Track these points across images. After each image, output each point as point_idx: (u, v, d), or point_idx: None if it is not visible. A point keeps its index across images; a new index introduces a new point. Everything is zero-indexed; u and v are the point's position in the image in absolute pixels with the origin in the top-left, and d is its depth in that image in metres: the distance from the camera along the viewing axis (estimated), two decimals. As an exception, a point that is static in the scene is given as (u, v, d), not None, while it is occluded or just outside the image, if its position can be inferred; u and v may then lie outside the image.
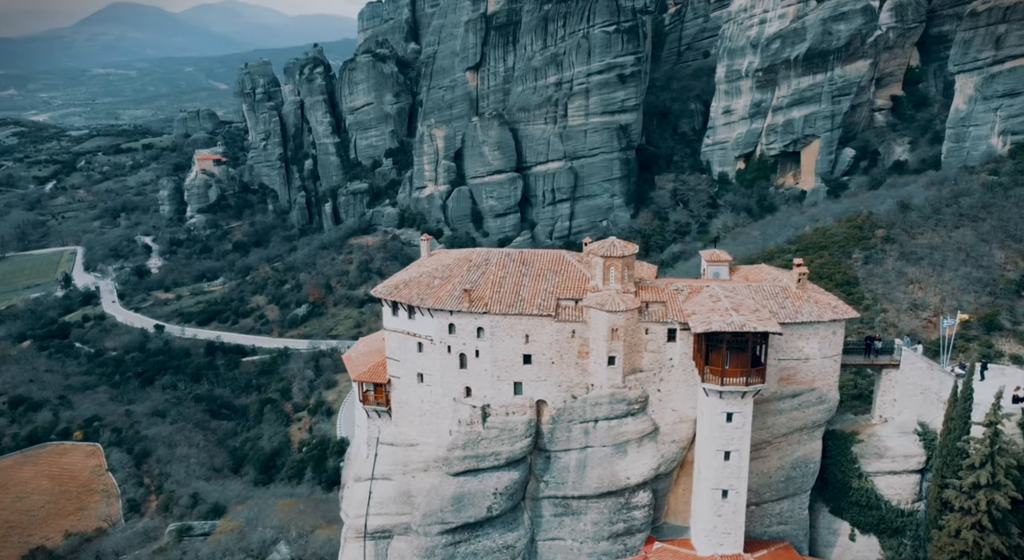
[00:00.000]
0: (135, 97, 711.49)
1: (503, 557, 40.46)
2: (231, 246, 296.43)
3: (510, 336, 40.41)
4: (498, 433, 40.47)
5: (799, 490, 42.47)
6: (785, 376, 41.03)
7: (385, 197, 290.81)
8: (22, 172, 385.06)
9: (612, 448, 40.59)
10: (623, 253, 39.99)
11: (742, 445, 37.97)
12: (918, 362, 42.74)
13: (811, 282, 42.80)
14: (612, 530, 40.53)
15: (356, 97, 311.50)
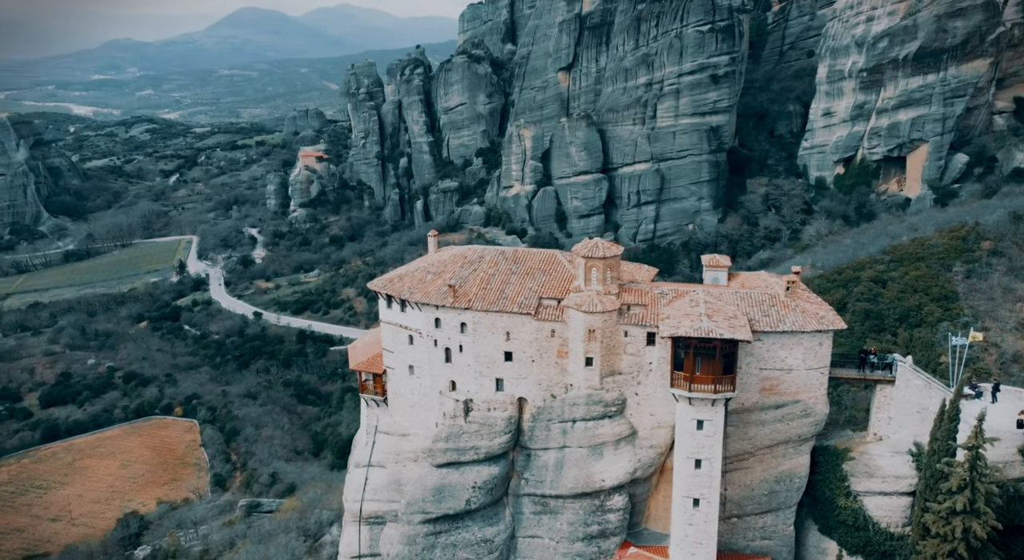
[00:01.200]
0: (255, 96, 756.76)
1: (481, 550, 41.40)
2: (328, 239, 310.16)
3: (491, 333, 41.35)
4: (478, 428, 41.52)
5: (783, 505, 41.10)
6: (767, 386, 39.87)
7: (473, 196, 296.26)
8: (151, 166, 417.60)
9: (588, 449, 40.77)
10: (604, 254, 40.08)
11: (713, 454, 37.29)
12: (914, 379, 40.40)
13: (874, 293, 41.34)
14: (587, 531, 40.69)
15: (451, 97, 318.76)
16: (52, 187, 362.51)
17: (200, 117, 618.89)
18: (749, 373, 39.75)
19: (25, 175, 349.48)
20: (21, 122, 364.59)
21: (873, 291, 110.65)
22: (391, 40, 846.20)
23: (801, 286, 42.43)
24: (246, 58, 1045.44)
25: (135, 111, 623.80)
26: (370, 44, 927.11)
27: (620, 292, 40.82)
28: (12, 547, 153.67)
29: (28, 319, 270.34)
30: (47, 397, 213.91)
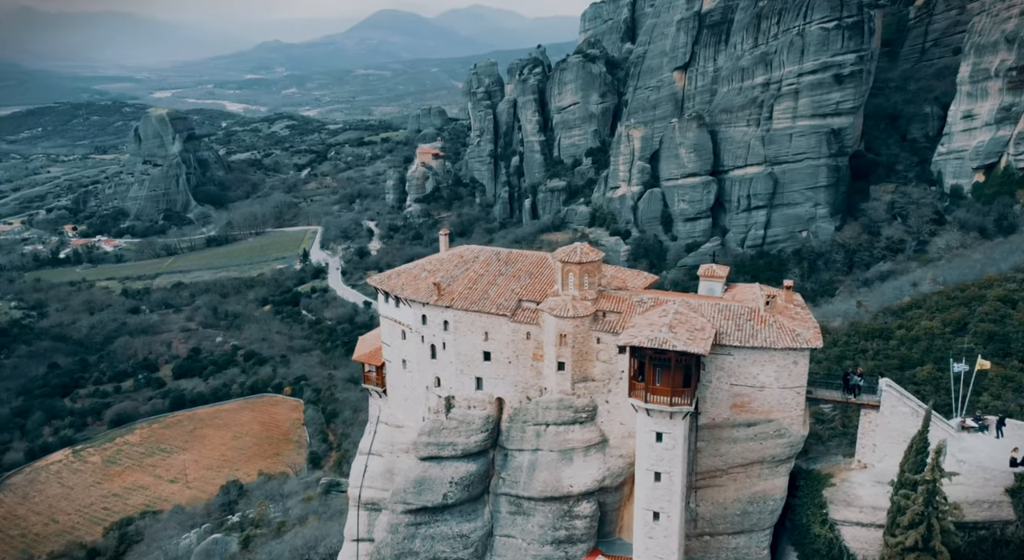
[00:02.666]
0: (387, 95, 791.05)
1: (457, 545, 42.63)
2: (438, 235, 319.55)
3: (471, 332, 42.44)
4: (457, 424, 42.76)
5: (756, 527, 39.45)
6: (739, 403, 38.39)
7: (581, 196, 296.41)
8: (286, 160, 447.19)
9: (559, 454, 40.98)
10: (580, 259, 40.13)
11: (673, 467, 36.52)
12: (901, 406, 37.48)
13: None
14: (555, 536, 40.95)
15: (564, 97, 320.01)
16: (200, 178, 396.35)
17: (336, 114, 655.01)
18: (719, 388, 38.57)
19: (178, 166, 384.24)
20: (177, 118, 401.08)
21: (1000, 311, 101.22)
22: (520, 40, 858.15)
23: (796, 301, 40.51)
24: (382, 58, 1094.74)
25: (279, 108, 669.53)
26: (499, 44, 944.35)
27: (598, 298, 40.79)
28: (136, 502, 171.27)
29: (171, 297, 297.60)
30: (179, 370, 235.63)
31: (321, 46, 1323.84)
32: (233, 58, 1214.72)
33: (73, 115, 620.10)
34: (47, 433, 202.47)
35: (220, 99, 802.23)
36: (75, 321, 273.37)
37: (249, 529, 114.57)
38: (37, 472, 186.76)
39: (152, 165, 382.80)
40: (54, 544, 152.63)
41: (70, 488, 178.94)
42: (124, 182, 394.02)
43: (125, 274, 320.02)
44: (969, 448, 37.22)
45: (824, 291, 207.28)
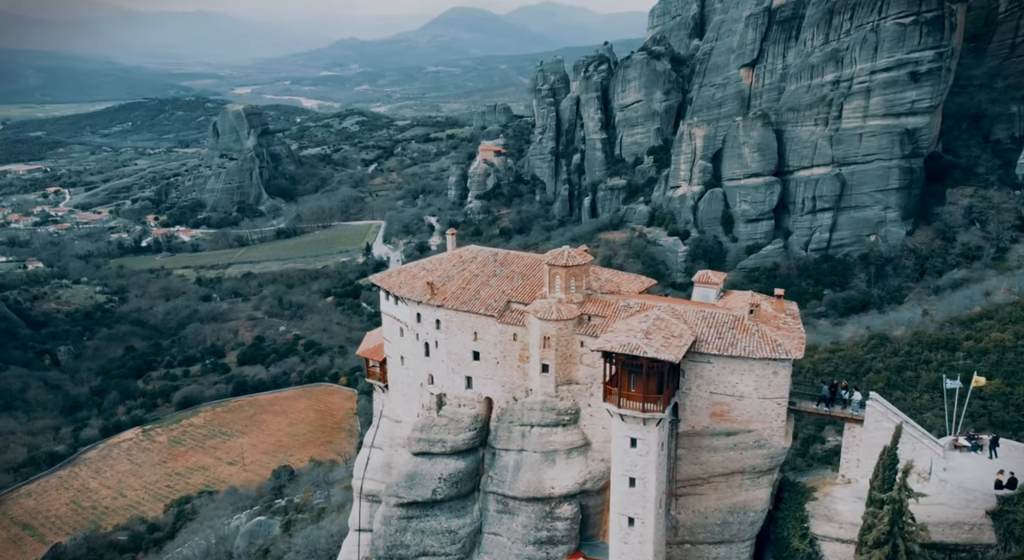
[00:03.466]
0: (456, 92, 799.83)
1: (445, 540, 43.54)
2: (498, 231, 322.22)
3: (461, 331, 43.17)
4: (447, 422, 43.62)
5: (736, 538, 38.81)
6: (718, 411, 37.80)
7: (640, 194, 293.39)
8: (354, 155, 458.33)
9: (541, 455, 41.29)
10: (567, 263, 40.30)
11: (647, 474, 36.35)
12: (885, 421, 36.07)
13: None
14: (537, 536, 41.31)
15: (627, 94, 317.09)
16: (272, 172, 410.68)
17: (405, 111, 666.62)
18: (699, 396, 38.13)
19: (252, 160, 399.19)
20: (253, 114, 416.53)
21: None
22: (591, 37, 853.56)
23: (789, 311, 39.57)
24: (452, 55, 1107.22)
25: (352, 104, 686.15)
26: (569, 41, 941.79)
27: (584, 302, 40.90)
28: (196, 482, 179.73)
29: (241, 287, 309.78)
30: (243, 356, 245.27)
31: (394, 43, 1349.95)
32: (311, 55, 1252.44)
33: (160, 110, 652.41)
34: (121, 412, 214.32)
35: (296, 95, 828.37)
36: (152, 307, 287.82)
37: (292, 513, 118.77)
38: (110, 448, 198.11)
39: (228, 159, 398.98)
40: (120, 517, 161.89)
41: (138, 465, 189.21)
42: (202, 175, 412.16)
43: (200, 263, 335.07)
44: (957, 468, 35.70)
45: (892, 298, 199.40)
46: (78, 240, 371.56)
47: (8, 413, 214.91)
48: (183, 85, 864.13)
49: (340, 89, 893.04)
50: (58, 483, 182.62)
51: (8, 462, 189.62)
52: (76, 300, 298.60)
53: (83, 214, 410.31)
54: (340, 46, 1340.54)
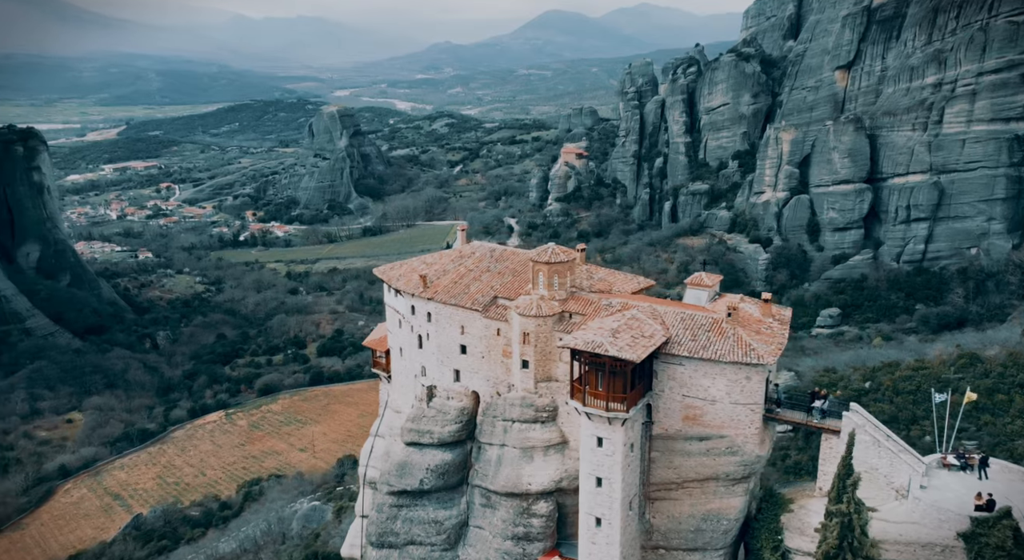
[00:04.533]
0: (546, 95, 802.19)
1: (431, 530, 44.25)
2: (576, 234, 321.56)
3: (450, 325, 43.77)
4: (435, 414, 44.33)
5: (709, 546, 37.54)
6: (690, 415, 36.69)
7: (723, 200, 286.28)
8: (441, 156, 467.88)
9: (520, 451, 41.30)
10: (549, 259, 40.21)
11: (613, 473, 35.77)
12: (861, 434, 33.85)
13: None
14: (514, 532, 41.34)
15: (714, 97, 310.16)
16: (362, 171, 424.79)
17: (495, 113, 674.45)
18: (672, 398, 37.22)
19: (343, 160, 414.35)
20: (345, 115, 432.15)
21: None
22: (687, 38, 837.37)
23: (779, 316, 38.00)
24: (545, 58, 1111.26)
25: (444, 107, 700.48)
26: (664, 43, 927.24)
27: (567, 299, 40.70)
28: (268, 465, 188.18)
29: (326, 281, 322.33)
30: (322, 349, 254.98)
31: (488, 46, 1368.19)
32: (407, 59, 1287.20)
33: (264, 111, 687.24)
34: (208, 396, 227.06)
35: (392, 98, 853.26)
36: (244, 297, 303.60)
37: (345, 500, 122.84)
38: (196, 429, 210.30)
39: (322, 158, 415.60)
40: (197, 494, 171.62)
41: (219, 446, 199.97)
42: (297, 174, 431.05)
43: (291, 257, 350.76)
44: (939, 486, 33.31)
45: (992, 316, 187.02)
46: (184, 233, 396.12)
47: (110, 391, 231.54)
48: (287, 88, 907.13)
49: (434, 92, 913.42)
50: (147, 458, 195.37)
51: (106, 436, 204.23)
52: (178, 289, 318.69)
53: (190, 209, 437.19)
54: (435, 50, 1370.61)
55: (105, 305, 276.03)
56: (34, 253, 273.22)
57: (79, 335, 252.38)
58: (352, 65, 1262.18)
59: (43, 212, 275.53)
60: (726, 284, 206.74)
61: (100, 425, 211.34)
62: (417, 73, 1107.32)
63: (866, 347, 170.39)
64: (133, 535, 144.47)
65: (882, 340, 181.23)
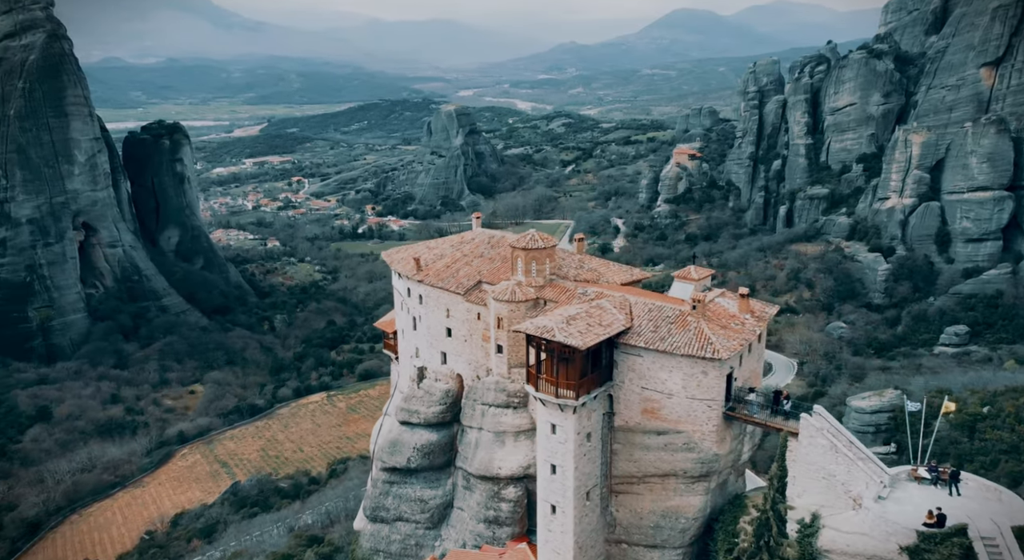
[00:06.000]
0: (669, 95, 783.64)
1: (416, 508, 45.18)
2: (684, 237, 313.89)
3: (437, 307, 44.35)
4: (423, 394, 45.13)
5: (667, 544, 35.96)
6: (649, 408, 35.19)
7: (843, 205, 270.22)
8: (554, 156, 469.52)
9: (493, 435, 41.28)
10: (527, 246, 39.92)
11: (566, 461, 35.07)
12: (819, 438, 31.06)
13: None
14: (486, 515, 41.42)
15: (840, 97, 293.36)
16: (476, 169, 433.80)
17: (615, 113, 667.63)
18: (631, 390, 35.98)
19: (458, 158, 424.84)
20: (462, 114, 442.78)
21: None
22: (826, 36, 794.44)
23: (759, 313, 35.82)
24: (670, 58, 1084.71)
25: (563, 107, 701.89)
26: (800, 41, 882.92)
27: (544, 286, 40.27)
28: (360, 447, 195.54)
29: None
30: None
31: (613, 46, 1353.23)
32: (530, 59, 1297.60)
33: (391, 110, 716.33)
34: (313, 377, 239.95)
35: (513, 97, 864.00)
36: (356, 287, 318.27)
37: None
38: (299, 408, 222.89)
39: (438, 156, 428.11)
40: (292, 468, 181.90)
41: (318, 426, 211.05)
42: (414, 170, 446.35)
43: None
44: (902, 499, 30.34)
45: None
46: (309, 224, 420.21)
47: (229, 367, 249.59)
48: (414, 88, 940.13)
49: (555, 92, 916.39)
50: (254, 431, 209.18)
51: (221, 408, 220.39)
52: (298, 276, 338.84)
53: (316, 201, 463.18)
54: (559, 50, 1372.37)
55: (232, 288, 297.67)
56: (174, 237, 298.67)
57: (207, 314, 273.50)
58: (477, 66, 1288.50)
59: (183, 200, 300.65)
60: (840, 294, 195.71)
61: (217, 398, 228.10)
62: (540, 73, 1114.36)
63: (995, 369, 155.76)
64: (230, 500, 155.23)
65: (1016, 363, 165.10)
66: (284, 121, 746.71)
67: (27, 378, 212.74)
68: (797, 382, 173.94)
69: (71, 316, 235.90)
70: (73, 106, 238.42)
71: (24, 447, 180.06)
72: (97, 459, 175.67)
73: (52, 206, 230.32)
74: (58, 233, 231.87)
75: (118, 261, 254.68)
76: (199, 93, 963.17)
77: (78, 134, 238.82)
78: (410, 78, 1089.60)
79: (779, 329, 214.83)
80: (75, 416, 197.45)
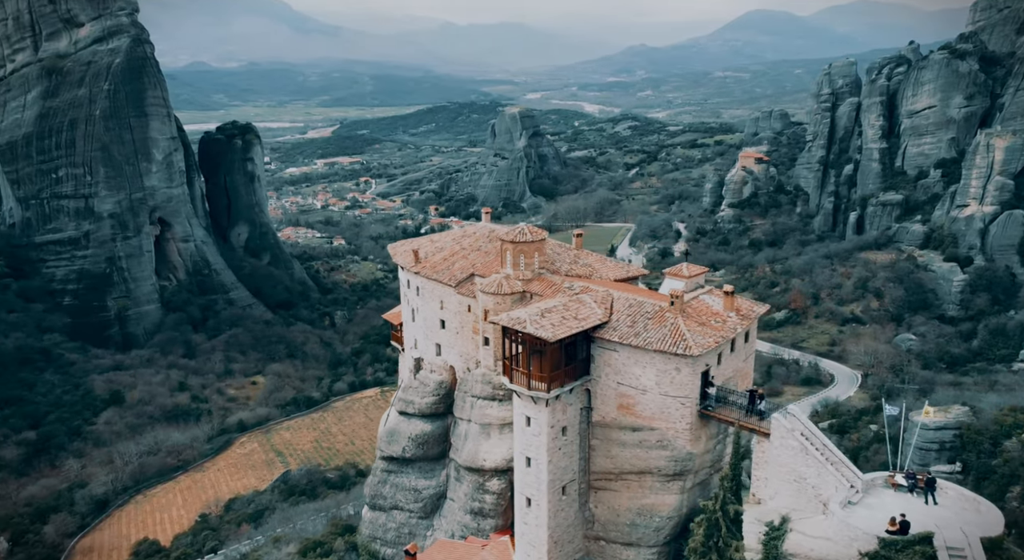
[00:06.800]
0: (741, 98, 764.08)
1: (410, 497, 45.66)
2: (747, 242, 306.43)
3: (432, 299, 44.62)
4: (418, 385, 45.53)
5: (642, 543, 35.16)
6: (624, 404, 34.46)
7: (918, 213, 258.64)
8: (618, 159, 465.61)
9: (480, 428, 41.25)
10: (515, 239, 39.72)
11: (540, 454, 34.73)
12: (790, 439, 29.60)
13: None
14: (471, 506, 41.47)
15: (919, 99, 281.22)
16: (538, 171, 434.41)
17: (684, 117, 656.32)
18: (607, 385, 35.36)
19: (520, 160, 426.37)
20: (526, 116, 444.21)
21: None
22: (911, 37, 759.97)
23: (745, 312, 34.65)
24: (744, 60, 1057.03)
25: (631, 110, 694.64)
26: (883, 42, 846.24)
27: (532, 280, 40.02)
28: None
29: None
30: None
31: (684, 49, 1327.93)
32: (599, 62, 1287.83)
33: (459, 113, 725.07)
34: (368, 373, 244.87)
35: (580, 100, 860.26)
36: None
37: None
38: (353, 402, 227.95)
39: (501, 158, 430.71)
40: (341, 459, 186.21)
41: (370, 419, 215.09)
42: (477, 172, 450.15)
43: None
44: (874, 505, 28.92)
45: None
46: (374, 224, 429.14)
47: (289, 360, 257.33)
48: (483, 90, 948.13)
49: (623, 94, 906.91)
50: (309, 423, 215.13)
51: (280, 400, 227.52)
52: (360, 274, 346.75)
53: (382, 202, 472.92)
54: (629, 53, 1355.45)
55: (296, 283, 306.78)
56: (243, 234, 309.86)
57: (271, 308, 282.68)
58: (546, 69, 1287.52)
59: (253, 198, 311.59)
60: (911, 305, 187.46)
61: (277, 389, 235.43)
62: (608, 76, 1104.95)
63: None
64: (280, 488, 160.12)
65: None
66: (355, 123, 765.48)
67: (104, 364, 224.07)
68: (860, 395, 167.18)
69: (145, 307, 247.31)
70: (152, 107, 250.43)
71: (97, 429, 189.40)
72: (162, 443, 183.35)
73: (131, 202, 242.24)
74: (136, 227, 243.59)
75: (190, 255, 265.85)
76: (277, 96, 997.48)
77: (156, 133, 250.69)
78: (479, 81, 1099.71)
79: (843, 339, 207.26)
80: (145, 401, 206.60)
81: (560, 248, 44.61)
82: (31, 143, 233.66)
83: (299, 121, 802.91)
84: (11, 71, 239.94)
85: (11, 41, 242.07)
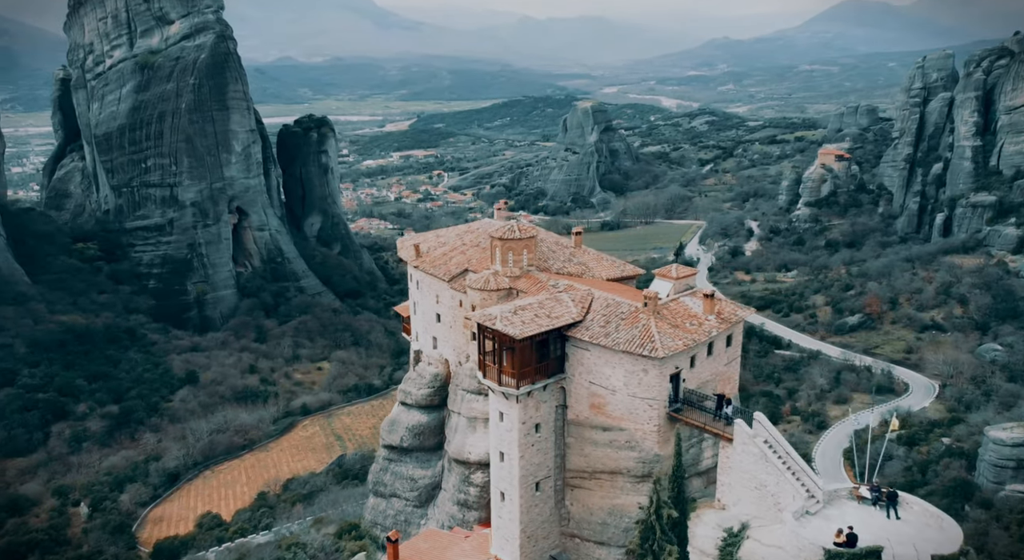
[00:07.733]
0: (828, 92, 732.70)
1: (406, 486, 46.52)
2: (823, 243, 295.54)
3: (429, 293, 45.06)
4: (416, 377, 46.21)
5: (612, 542, 34.81)
6: (595, 403, 33.96)
7: (1013, 215, 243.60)
8: (692, 154, 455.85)
9: (467, 421, 41.53)
10: (503, 236, 39.63)
11: (511, 450, 34.69)
12: (751, 446, 28.35)
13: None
14: (458, 497, 41.85)
15: (1018, 94, 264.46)
16: (608, 166, 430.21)
17: (766, 112, 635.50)
18: (580, 384, 34.95)
19: (591, 155, 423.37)
20: (598, 111, 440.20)
21: None
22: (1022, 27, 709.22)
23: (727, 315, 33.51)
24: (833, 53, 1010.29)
25: (710, 104, 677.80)
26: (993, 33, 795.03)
27: (520, 277, 39.88)
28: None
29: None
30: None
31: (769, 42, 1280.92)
32: (679, 56, 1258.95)
33: (534, 107, 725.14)
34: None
35: (658, 94, 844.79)
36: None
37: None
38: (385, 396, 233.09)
39: (572, 152, 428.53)
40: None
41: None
42: (548, 166, 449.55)
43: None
44: (832, 517, 27.60)
45: None
46: (444, 216, 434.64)
47: (354, 348, 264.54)
48: (559, 85, 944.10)
49: (703, 89, 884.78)
50: (369, 410, 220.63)
51: (342, 386, 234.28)
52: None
53: (453, 195, 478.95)
54: (710, 46, 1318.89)
55: (364, 273, 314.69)
56: (316, 224, 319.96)
57: (339, 297, 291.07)
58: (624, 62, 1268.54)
59: (326, 189, 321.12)
60: (999, 313, 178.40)
61: (340, 376, 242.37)
62: (688, 70, 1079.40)
63: None
64: (334, 471, 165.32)
65: None
66: (432, 116, 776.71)
67: (182, 345, 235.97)
68: (936, 406, 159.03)
69: (222, 292, 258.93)
70: (234, 100, 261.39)
71: (173, 406, 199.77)
72: (231, 422, 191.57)
73: (212, 191, 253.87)
74: (215, 216, 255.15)
75: (265, 244, 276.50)
76: (358, 89, 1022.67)
77: (236, 126, 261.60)
78: (556, 75, 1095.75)
79: (921, 347, 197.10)
80: (217, 382, 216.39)
81: (557, 246, 44.47)
82: (124, 134, 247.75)
83: (378, 115, 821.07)
84: (109, 66, 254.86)
85: (110, 38, 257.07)
